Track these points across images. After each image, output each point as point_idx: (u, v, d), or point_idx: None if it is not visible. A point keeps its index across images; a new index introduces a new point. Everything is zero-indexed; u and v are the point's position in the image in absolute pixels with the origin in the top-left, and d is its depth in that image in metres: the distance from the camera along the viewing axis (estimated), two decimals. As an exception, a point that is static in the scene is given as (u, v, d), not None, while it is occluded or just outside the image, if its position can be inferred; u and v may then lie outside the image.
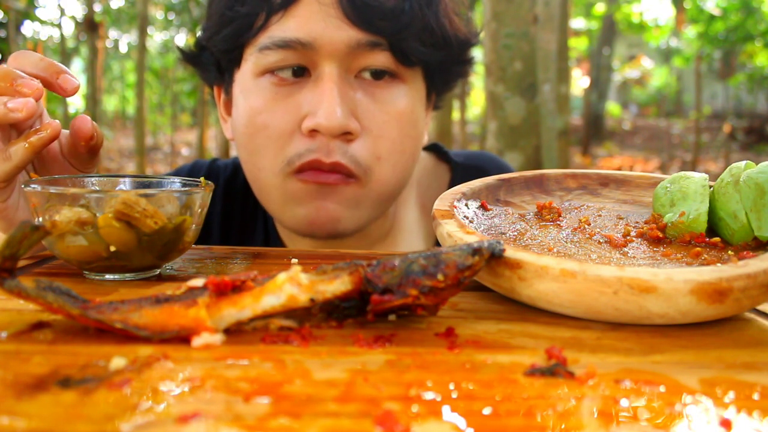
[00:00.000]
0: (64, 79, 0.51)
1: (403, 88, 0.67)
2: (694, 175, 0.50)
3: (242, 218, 0.82)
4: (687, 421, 0.25)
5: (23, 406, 0.25)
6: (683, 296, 0.35)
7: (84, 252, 0.44)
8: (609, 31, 11.47)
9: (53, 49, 11.59)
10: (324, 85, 0.63)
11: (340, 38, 0.62)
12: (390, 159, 0.67)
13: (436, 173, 0.86)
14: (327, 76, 0.63)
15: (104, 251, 0.44)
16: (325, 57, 0.63)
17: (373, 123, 0.65)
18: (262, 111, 0.66)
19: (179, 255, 0.49)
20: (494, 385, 0.28)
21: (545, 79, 2.87)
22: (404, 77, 0.67)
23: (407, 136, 0.68)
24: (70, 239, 0.43)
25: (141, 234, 0.44)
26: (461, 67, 0.76)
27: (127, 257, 0.45)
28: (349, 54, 0.63)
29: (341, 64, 0.63)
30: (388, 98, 0.66)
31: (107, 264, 0.45)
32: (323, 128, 0.62)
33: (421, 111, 0.71)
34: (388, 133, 0.66)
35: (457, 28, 0.69)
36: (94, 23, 7.19)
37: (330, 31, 0.62)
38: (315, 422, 0.24)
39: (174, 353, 0.31)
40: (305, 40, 0.62)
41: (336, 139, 0.64)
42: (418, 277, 0.35)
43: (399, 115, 0.66)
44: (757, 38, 9.44)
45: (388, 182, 0.68)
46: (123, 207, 0.43)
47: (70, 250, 0.44)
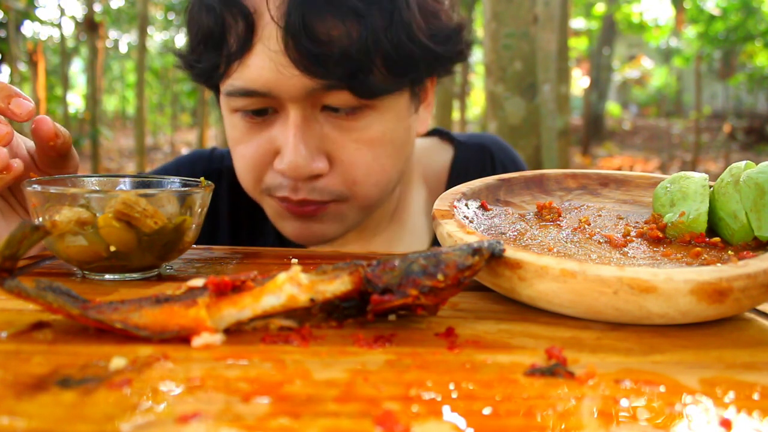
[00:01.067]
0: (17, 103, 0.49)
1: (374, 115, 0.65)
2: (694, 175, 0.50)
3: (250, 214, 0.82)
4: (687, 421, 0.25)
5: (23, 406, 0.25)
6: (683, 296, 0.35)
7: (84, 252, 0.44)
8: (609, 31, 11.47)
9: (53, 49, 11.59)
10: (288, 129, 0.63)
11: (294, 86, 0.61)
12: (368, 180, 0.67)
13: (439, 152, 0.86)
14: (291, 119, 0.63)
15: (104, 251, 0.44)
16: (286, 101, 0.63)
17: (344, 154, 0.65)
18: (240, 142, 0.68)
19: (179, 255, 0.49)
20: (494, 385, 0.28)
21: (545, 79, 2.87)
22: (373, 105, 0.65)
23: (384, 156, 0.67)
24: (70, 239, 0.43)
25: (141, 234, 0.44)
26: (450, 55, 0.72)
27: (127, 257, 0.45)
28: (309, 97, 0.63)
29: (304, 105, 0.63)
30: (357, 128, 0.65)
31: (107, 264, 0.45)
32: (288, 174, 0.64)
33: (402, 124, 0.69)
34: (361, 161, 0.66)
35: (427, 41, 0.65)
36: (94, 23, 7.19)
37: (283, 80, 0.61)
38: (315, 422, 0.24)
39: (174, 353, 0.31)
40: (262, 90, 0.62)
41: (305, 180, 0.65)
42: (418, 277, 0.35)
43: (371, 141, 0.66)
44: (757, 38, 9.44)
45: (372, 196, 0.69)
46: (123, 207, 0.43)
47: (70, 250, 0.44)
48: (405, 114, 0.70)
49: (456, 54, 0.72)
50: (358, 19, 0.60)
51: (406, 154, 0.72)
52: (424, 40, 0.65)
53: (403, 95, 0.68)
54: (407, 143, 0.72)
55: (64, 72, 8.24)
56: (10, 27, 6.52)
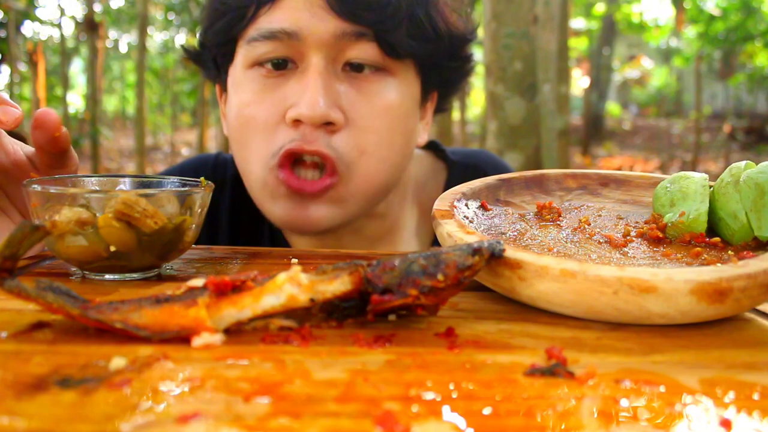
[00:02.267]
0: (3, 110, 0.49)
1: (392, 82, 0.66)
2: (694, 175, 0.50)
3: (250, 218, 0.82)
4: (687, 421, 0.25)
5: (23, 406, 0.25)
6: (683, 296, 0.35)
7: (84, 252, 0.44)
8: (609, 31, 11.47)
9: (53, 49, 11.59)
10: (309, 76, 0.63)
11: (325, 28, 0.62)
12: (376, 153, 0.66)
13: (433, 172, 0.86)
14: (312, 67, 0.63)
15: (104, 251, 0.44)
16: (311, 48, 0.63)
17: (359, 115, 0.65)
18: (250, 103, 0.67)
19: (179, 255, 0.49)
20: (494, 385, 0.28)
21: (545, 79, 2.87)
22: (393, 70, 0.66)
23: (395, 130, 0.67)
24: (70, 239, 0.43)
25: (141, 234, 0.44)
26: (458, 64, 0.75)
27: (127, 257, 0.45)
28: (335, 45, 0.63)
29: (327, 56, 0.63)
30: (375, 91, 0.66)
31: (107, 264, 0.45)
32: (305, 117, 0.62)
33: (413, 107, 0.70)
34: (374, 126, 0.66)
35: (449, 22, 0.69)
36: (94, 23, 7.19)
37: (315, 22, 0.62)
38: (315, 422, 0.24)
39: (174, 353, 0.31)
40: (290, 30, 0.63)
41: (319, 128, 0.64)
42: (418, 277, 0.35)
43: (386, 108, 0.66)
44: (757, 38, 9.44)
45: (375, 178, 0.67)
46: (123, 207, 0.43)
47: (70, 250, 0.44)
48: (417, 100, 0.70)
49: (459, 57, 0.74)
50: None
51: (411, 147, 0.72)
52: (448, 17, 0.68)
53: (417, 81, 0.70)
54: (414, 134, 0.72)
55: (64, 72, 8.24)
56: (10, 27, 6.52)
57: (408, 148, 0.71)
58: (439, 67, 0.72)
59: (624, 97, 17.38)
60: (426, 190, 0.84)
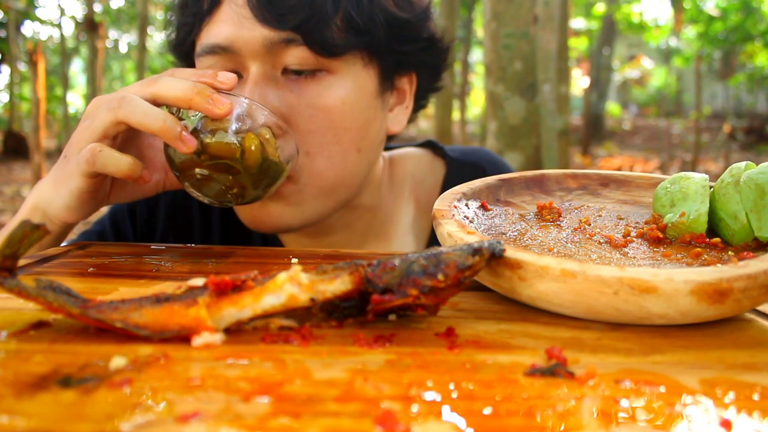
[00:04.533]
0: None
1: (332, 80, 0.65)
2: (695, 175, 0.50)
3: (240, 222, 0.82)
4: (687, 421, 0.25)
5: (23, 405, 0.25)
6: (683, 297, 0.35)
7: (222, 148, 0.54)
8: (609, 31, 11.47)
9: (53, 49, 11.59)
10: (246, 87, 0.64)
11: (253, 38, 0.62)
12: (322, 152, 0.66)
13: (432, 168, 0.85)
14: (249, 77, 0.64)
15: (238, 153, 0.54)
16: (248, 58, 0.64)
17: (300, 119, 0.65)
18: None
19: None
20: (494, 385, 0.28)
21: (545, 79, 2.87)
22: (332, 69, 0.65)
23: (340, 127, 0.66)
24: (220, 135, 0.54)
25: (266, 156, 0.56)
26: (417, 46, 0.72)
27: (246, 170, 0.55)
28: (268, 53, 0.63)
29: (264, 63, 0.64)
30: (314, 92, 0.65)
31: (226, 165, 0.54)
32: None
33: (364, 99, 0.68)
34: (316, 128, 0.65)
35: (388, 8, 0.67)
36: (94, 23, 7.19)
37: (243, 33, 0.63)
38: (315, 422, 0.24)
39: (174, 353, 0.31)
40: (224, 44, 0.64)
41: None
42: (419, 277, 0.35)
43: (327, 108, 0.65)
44: (757, 38, 9.44)
45: (326, 175, 0.67)
46: (264, 131, 0.56)
47: (212, 142, 0.54)
48: (370, 93, 0.69)
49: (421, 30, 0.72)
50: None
51: (371, 141, 0.70)
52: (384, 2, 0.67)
53: (370, 71, 0.68)
54: (372, 127, 0.70)
55: (64, 72, 8.24)
56: (10, 27, 6.52)
57: (364, 141, 0.69)
58: (394, 52, 0.70)
59: (624, 97, 17.38)
60: (424, 186, 0.84)
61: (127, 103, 0.54)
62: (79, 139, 0.56)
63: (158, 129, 0.53)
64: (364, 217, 0.78)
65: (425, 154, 0.87)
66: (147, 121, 0.53)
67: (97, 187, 0.58)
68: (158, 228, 0.81)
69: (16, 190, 6.19)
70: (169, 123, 0.53)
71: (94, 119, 0.56)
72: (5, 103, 9.13)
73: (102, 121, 0.55)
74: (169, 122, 0.53)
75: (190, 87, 0.54)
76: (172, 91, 0.54)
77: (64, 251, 0.56)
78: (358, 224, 0.78)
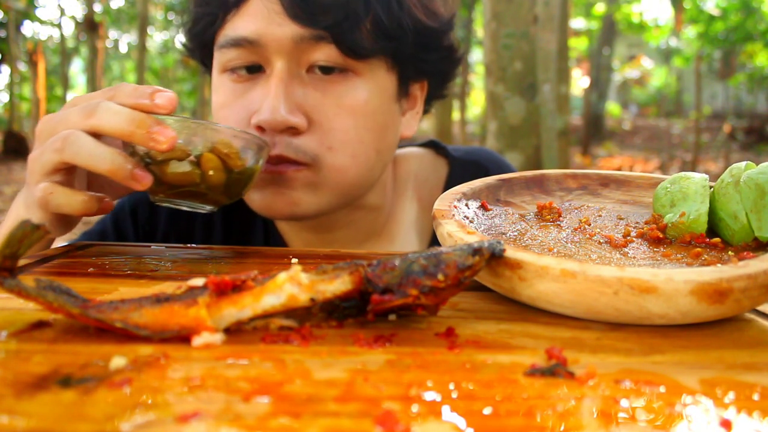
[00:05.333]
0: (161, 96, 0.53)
1: (358, 81, 0.66)
2: (695, 175, 0.50)
3: (242, 215, 0.82)
4: (687, 421, 0.25)
5: (23, 405, 0.25)
6: (683, 297, 0.35)
7: (181, 177, 0.52)
8: (609, 31, 11.47)
9: (53, 49, 11.60)
10: (271, 81, 0.64)
11: (283, 34, 0.63)
12: (344, 149, 0.67)
13: (434, 167, 0.86)
14: (275, 72, 0.64)
15: (198, 178, 0.52)
16: (274, 53, 0.64)
17: (323, 116, 0.66)
18: (223, 106, 0.68)
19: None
20: (494, 385, 0.28)
21: (545, 79, 2.87)
22: (358, 70, 0.66)
23: (363, 127, 0.67)
24: (174, 165, 0.52)
25: (231, 172, 0.53)
26: (438, 55, 0.74)
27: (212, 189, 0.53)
28: (296, 49, 0.64)
29: (290, 60, 0.64)
30: (339, 92, 0.66)
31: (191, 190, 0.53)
32: (265, 124, 0.64)
33: (384, 102, 0.69)
34: (339, 125, 0.66)
35: (417, 16, 0.68)
36: (94, 23, 7.20)
37: (273, 28, 0.63)
38: (315, 422, 0.24)
39: (174, 353, 0.31)
40: (251, 37, 0.64)
41: (282, 133, 0.65)
42: (419, 277, 0.35)
43: (351, 107, 0.66)
44: (757, 38, 9.44)
45: (347, 170, 0.68)
46: (222, 146, 0.53)
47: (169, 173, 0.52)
48: (390, 96, 0.70)
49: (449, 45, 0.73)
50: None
51: (388, 142, 0.72)
52: (414, 11, 0.67)
53: (391, 76, 0.69)
54: (390, 129, 0.71)
55: (64, 72, 8.24)
56: (10, 27, 6.52)
57: (383, 143, 0.71)
58: (415, 59, 0.71)
59: (624, 97, 17.39)
60: (426, 185, 0.84)
61: (71, 143, 0.51)
62: (32, 169, 0.54)
63: (106, 170, 0.50)
64: (368, 216, 0.79)
65: (428, 154, 0.87)
66: (93, 163, 0.51)
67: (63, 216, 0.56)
68: (160, 228, 0.81)
69: (16, 190, 6.19)
70: (117, 163, 0.50)
71: (42, 155, 0.53)
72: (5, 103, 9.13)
73: (49, 160, 0.52)
74: (117, 162, 0.50)
75: (127, 120, 0.50)
76: (110, 124, 0.50)
77: (64, 251, 0.56)
78: (361, 222, 0.79)
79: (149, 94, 0.52)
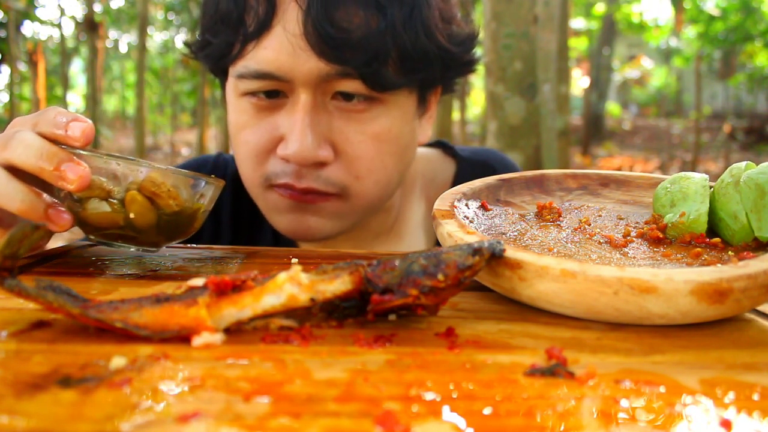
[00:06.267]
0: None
1: (382, 109, 0.66)
2: (695, 175, 0.50)
3: (251, 215, 0.82)
4: (687, 421, 0.25)
5: (23, 405, 0.25)
6: (683, 297, 0.35)
7: (103, 218, 0.47)
8: (609, 31, 11.47)
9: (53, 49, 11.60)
10: (296, 114, 0.63)
11: (309, 70, 0.62)
12: (370, 177, 0.67)
13: (442, 167, 0.86)
14: (300, 104, 0.63)
15: (122, 220, 0.47)
16: (299, 85, 0.63)
17: (349, 146, 0.66)
18: (245, 127, 0.68)
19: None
20: (494, 385, 0.28)
21: (545, 79, 2.87)
22: (383, 99, 0.66)
23: (387, 153, 0.68)
24: (93, 204, 0.47)
25: (162, 213, 0.47)
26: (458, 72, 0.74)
27: (140, 231, 0.48)
28: (321, 83, 0.63)
29: (315, 91, 0.64)
30: (364, 120, 0.66)
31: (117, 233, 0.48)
32: (293, 159, 0.64)
33: (408, 124, 0.70)
34: (365, 154, 0.66)
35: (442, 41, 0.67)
36: (94, 23, 7.20)
37: (299, 64, 0.62)
38: (315, 422, 0.24)
39: (174, 353, 0.31)
40: (277, 73, 0.63)
41: (309, 167, 0.65)
42: (419, 277, 0.35)
43: (376, 135, 0.66)
44: (757, 38, 9.44)
45: (371, 196, 0.69)
46: (149, 184, 0.46)
47: (90, 214, 0.47)
48: (411, 116, 0.70)
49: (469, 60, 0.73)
50: (379, 10, 0.61)
51: (408, 159, 0.72)
52: (441, 40, 0.66)
53: (412, 96, 0.69)
54: (410, 147, 0.72)
55: (64, 72, 8.24)
56: (10, 27, 6.52)
57: (403, 163, 0.72)
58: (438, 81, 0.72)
59: (624, 97, 17.39)
60: (434, 184, 0.85)
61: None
62: None
63: (17, 210, 0.47)
64: (378, 218, 0.79)
65: (435, 154, 0.88)
66: (4, 202, 0.47)
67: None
68: None
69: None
70: (29, 202, 0.46)
71: None
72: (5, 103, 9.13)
73: None
74: (28, 201, 0.46)
75: (36, 154, 0.46)
76: (21, 159, 0.46)
77: (64, 251, 0.56)
78: (372, 224, 0.79)
79: (64, 124, 0.47)
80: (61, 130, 0.47)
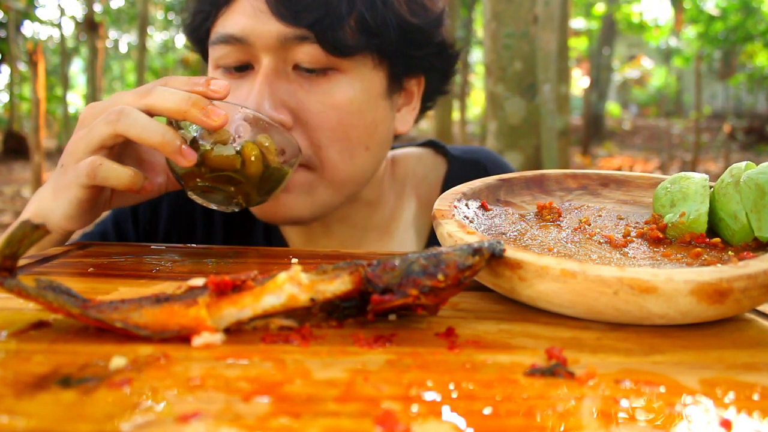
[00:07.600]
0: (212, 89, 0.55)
1: (343, 79, 0.67)
2: (695, 175, 0.50)
3: (242, 215, 0.82)
4: (687, 421, 0.25)
5: (23, 405, 0.25)
6: (683, 297, 0.35)
7: (222, 161, 0.54)
8: (609, 31, 11.47)
9: (53, 49, 11.60)
10: (257, 78, 0.65)
11: (268, 32, 0.64)
12: (333, 146, 0.67)
13: (433, 166, 0.86)
14: (261, 70, 0.65)
15: (238, 164, 0.54)
16: (261, 51, 0.65)
17: (309, 115, 0.66)
18: None
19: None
20: (494, 385, 0.28)
21: (545, 79, 2.87)
22: (342, 68, 0.66)
23: (350, 126, 0.68)
24: (218, 149, 0.54)
25: (268, 165, 0.56)
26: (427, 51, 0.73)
27: (247, 179, 0.55)
28: (281, 48, 0.64)
29: (276, 57, 0.65)
30: (324, 90, 0.66)
31: (226, 176, 0.55)
32: None
33: (372, 99, 0.69)
34: (325, 124, 0.67)
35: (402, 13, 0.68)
36: (94, 23, 7.20)
37: (259, 26, 0.64)
38: (315, 422, 0.24)
39: (174, 353, 0.31)
40: (239, 35, 0.65)
41: None
42: (419, 277, 0.35)
43: (336, 105, 0.67)
44: (757, 38, 9.44)
45: (340, 168, 0.69)
46: (263, 139, 0.56)
47: (213, 156, 0.54)
48: (378, 93, 0.70)
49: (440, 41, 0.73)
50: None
51: (380, 140, 0.72)
52: (397, 6, 0.68)
53: (379, 73, 0.69)
54: (380, 127, 0.71)
55: (64, 72, 8.24)
56: (10, 27, 6.52)
57: (372, 139, 0.71)
58: (404, 56, 0.71)
59: (624, 97, 17.39)
60: (425, 183, 0.85)
61: (126, 116, 0.54)
62: (75, 149, 0.56)
63: (157, 143, 0.53)
64: (362, 211, 0.79)
65: (427, 153, 0.88)
66: (146, 135, 0.53)
67: (96, 196, 0.57)
68: (160, 228, 0.81)
69: (16, 190, 6.19)
70: (168, 137, 0.53)
71: (92, 130, 0.55)
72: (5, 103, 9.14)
73: (100, 133, 0.54)
74: (168, 136, 0.53)
75: (184, 98, 0.53)
76: (167, 103, 0.54)
77: (64, 251, 0.56)
78: (356, 217, 0.79)
79: (204, 82, 0.55)
80: (202, 86, 0.55)
